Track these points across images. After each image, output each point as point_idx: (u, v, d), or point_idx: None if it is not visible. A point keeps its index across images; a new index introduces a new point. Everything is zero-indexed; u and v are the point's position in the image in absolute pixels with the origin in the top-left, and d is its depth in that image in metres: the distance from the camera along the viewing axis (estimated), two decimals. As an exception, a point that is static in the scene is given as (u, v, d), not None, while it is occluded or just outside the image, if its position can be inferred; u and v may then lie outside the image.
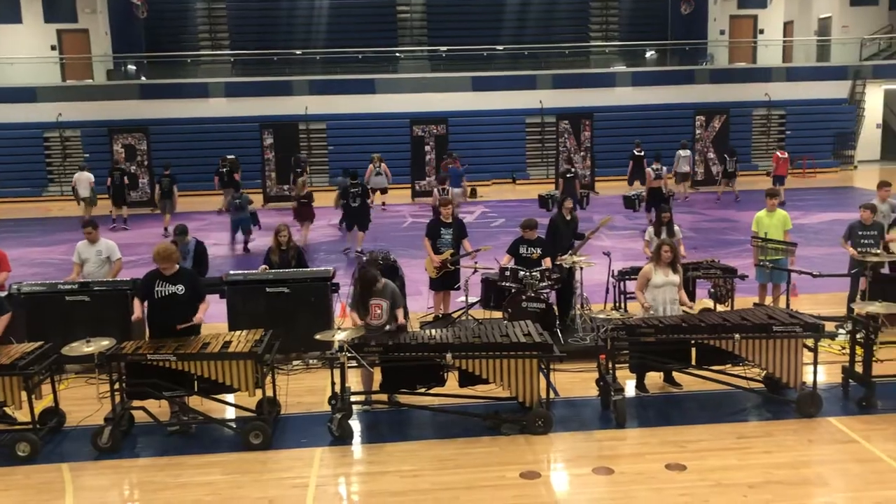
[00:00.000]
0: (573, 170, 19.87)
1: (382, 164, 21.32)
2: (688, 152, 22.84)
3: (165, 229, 18.32)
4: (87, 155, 26.73)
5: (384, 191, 21.46)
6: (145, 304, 7.74)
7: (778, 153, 21.84)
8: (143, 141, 23.49)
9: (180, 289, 7.53)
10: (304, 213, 16.45)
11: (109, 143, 23.57)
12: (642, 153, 21.52)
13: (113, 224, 19.96)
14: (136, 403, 7.41)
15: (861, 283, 9.47)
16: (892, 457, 6.60)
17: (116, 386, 7.17)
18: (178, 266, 7.67)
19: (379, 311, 7.75)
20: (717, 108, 26.09)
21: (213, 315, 9.25)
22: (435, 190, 16.11)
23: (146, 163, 23.35)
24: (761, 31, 31.68)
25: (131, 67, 30.31)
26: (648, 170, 18.09)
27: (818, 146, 28.38)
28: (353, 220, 15.79)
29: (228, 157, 21.72)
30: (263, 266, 9.75)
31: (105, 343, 7.20)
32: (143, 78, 29.86)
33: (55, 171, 26.99)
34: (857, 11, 30.91)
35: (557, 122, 25.36)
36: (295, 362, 9.15)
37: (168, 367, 7.13)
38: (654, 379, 8.28)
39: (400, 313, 7.87)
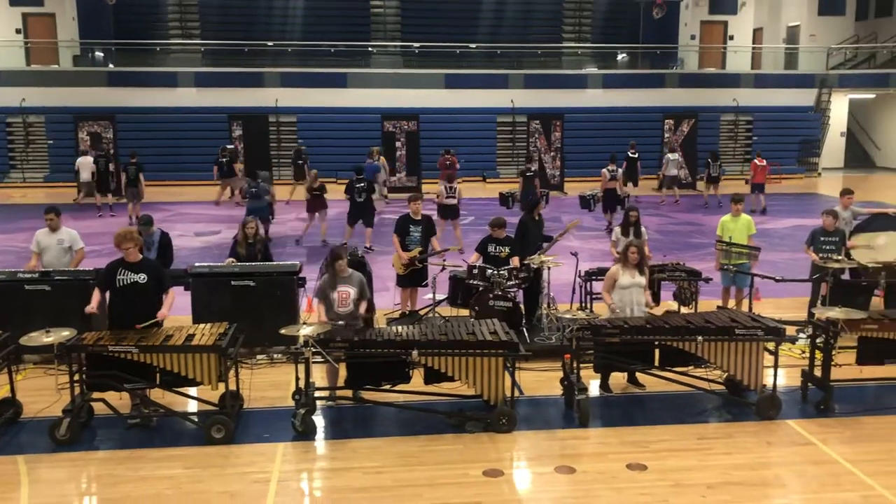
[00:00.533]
0: (533, 168, 19.81)
1: (381, 158, 21.31)
2: (677, 155, 22.66)
3: (131, 218, 18.11)
4: (52, 141, 26.31)
5: (383, 184, 21.59)
6: (106, 295, 7.62)
7: (756, 161, 20.77)
8: (110, 129, 23.16)
9: (142, 278, 7.41)
10: (317, 204, 16.42)
11: (74, 130, 23.20)
12: (636, 154, 21.64)
13: (99, 213, 19.83)
14: (96, 395, 7.31)
15: (822, 289, 9.62)
16: (848, 459, 6.73)
17: (76, 377, 7.06)
18: (141, 255, 7.57)
19: (346, 298, 7.74)
20: (686, 112, 26.37)
21: (177, 307, 9.12)
22: (442, 188, 16.10)
23: (112, 151, 22.99)
24: (731, 38, 32.08)
25: (99, 54, 29.83)
26: (604, 171, 18.11)
27: (784, 152, 28.79)
28: (357, 215, 15.71)
29: (228, 146, 21.67)
30: (230, 259, 9.67)
31: (65, 333, 7.10)
32: (111, 65, 29.40)
33: (17, 158, 26.48)
34: (824, 21, 31.42)
35: (528, 121, 25.47)
36: (259, 356, 9.08)
37: (130, 359, 7.04)
38: (617, 379, 8.34)
39: (362, 306, 7.86)
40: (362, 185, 15.65)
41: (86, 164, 20.73)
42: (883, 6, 32.22)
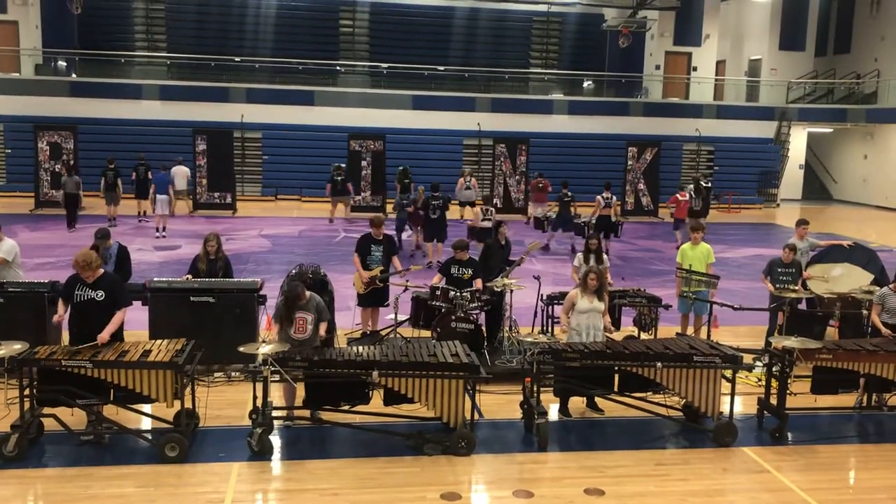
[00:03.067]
0: (570, 194, 18.77)
1: (472, 179, 21.64)
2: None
3: (109, 220, 18.92)
4: (10, 151, 25.83)
5: (472, 204, 21.93)
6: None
7: (678, 195, 19.37)
8: (70, 140, 22.76)
9: (99, 295, 7.29)
10: (419, 219, 16.95)
11: (34, 139, 22.79)
12: (710, 184, 21.62)
13: (140, 220, 20.65)
14: (46, 411, 7.14)
15: (779, 318, 9.77)
16: (802, 488, 6.80)
17: (27, 392, 6.89)
18: (101, 271, 7.44)
19: (303, 325, 7.66)
20: (649, 141, 26.71)
21: (134, 323, 9.01)
22: (478, 210, 16.25)
23: (72, 162, 22.62)
24: (695, 69, 32.68)
25: (62, 63, 29.42)
26: (598, 198, 18.02)
27: (744, 183, 29.35)
28: (432, 231, 16.09)
29: (341, 165, 22.24)
30: (187, 275, 9.54)
31: (17, 347, 6.93)
32: (74, 75, 29.03)
33: (-25, 166, 25.98)
34: (785, 56, 32.20)
35: (494, 145, 25.66)
36: (216, 374, 8.95)
37: (83, 375, 6.89)
38: (576, 403, 8.37)
39: (323, 327, 7.79)
40: (438, 201, 16.05)
41: (180, 174, 21.16)
42: (841, 44, 33.13)
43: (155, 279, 9.45)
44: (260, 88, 28.23)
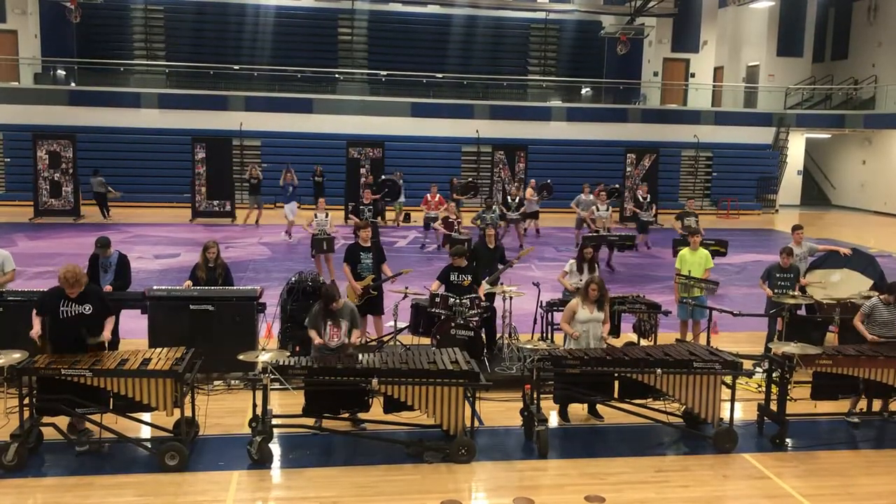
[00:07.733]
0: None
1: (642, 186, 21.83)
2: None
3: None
4: (9, 160, 25.85)
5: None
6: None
7: (428, 195, 18.69)
8: (69, 148, 22.73)
9: (87, 308, 7.29)
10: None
11: (33, 148, 22.78)
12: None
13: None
14: (46, 420, 7.13)
15: (778, 324, 9.77)
16: (802, 494, 6.79)
17: (26, 401, 6.88)
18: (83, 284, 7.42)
19: (337, 332, 7.72)
20: (647, 147, 26.76)
21: (133, 331, 9.02)
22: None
23: (71, 170, 22.63)
24: (692, 75, 32.74)
25: (60, 72, 29.46)
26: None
27: (742, 189, 29.36)
28: None
29: (617, 186, 23.01)
30: (188, 282, 9.53)
31: (16, 356, 6.93)
32: (73, 84, 29.06)
33: (-26, 175, 25.97)
34: (783, 62, 32.26)
35: (493, 151, 25.69)
36: (216, 382, 8.94)
37: (83, 383, 6.89)
38: (575, 409, 8.36)
39: (355, 335, 7.95)
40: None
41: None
42: (838, 50, 33.22)
43: (154, 287, 9.44)
44: (258, 96, 28.27)
